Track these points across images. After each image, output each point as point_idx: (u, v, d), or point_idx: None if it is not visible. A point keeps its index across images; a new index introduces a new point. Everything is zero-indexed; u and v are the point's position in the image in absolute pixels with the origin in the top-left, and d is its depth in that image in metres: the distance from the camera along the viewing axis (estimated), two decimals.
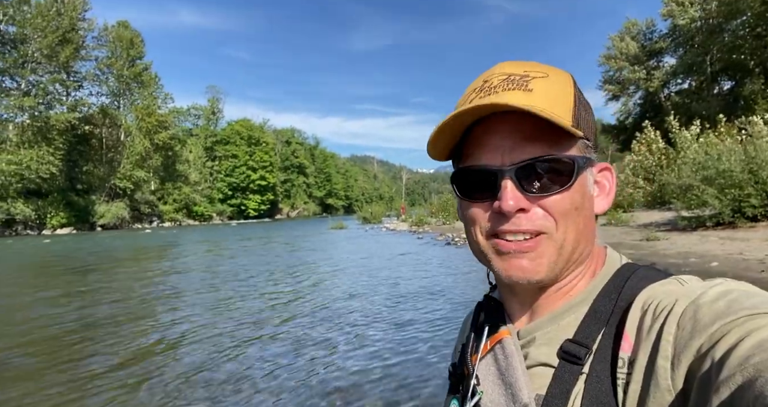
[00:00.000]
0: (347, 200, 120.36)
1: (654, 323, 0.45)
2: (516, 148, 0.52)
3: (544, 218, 0.52)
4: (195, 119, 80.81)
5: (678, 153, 15.76)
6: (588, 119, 0.56)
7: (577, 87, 0.56)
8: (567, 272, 0.56)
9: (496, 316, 0.62)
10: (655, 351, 0.43)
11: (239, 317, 6.19)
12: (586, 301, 0.55)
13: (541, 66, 0.56)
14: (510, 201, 0.51)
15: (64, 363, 4.44)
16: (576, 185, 0.53)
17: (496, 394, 0.56)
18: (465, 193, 0.57)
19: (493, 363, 0.59)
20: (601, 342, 0.50)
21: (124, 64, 56.66)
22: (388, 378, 3.77)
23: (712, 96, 33.26)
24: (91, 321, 6.13)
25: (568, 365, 0.51)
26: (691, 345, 0.41)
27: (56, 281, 10.14)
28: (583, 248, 0.56)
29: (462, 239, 16.46)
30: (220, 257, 14.83)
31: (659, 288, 0.49)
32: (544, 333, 0.56)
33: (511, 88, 0.52)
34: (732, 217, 10.09)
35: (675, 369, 0.41)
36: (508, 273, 0.54)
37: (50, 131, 43.35)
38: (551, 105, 0.51)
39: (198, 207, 65.62)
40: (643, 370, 0.44)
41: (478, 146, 0.54)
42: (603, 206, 0.59)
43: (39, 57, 43.87)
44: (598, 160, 0.59)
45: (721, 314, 0.40)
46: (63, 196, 44.41)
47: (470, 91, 0.56)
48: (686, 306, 0.44)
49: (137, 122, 56.23)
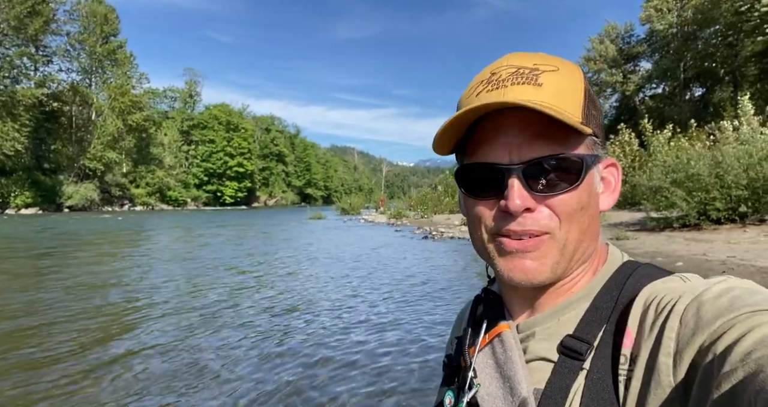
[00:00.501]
0: (326, 190, 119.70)
1: (656, 319, 0.45)
2: (524, 145, 0.51)
3: (549, 218, 0.52)
4: (171, 102, 78.69)
5: (650, 156, 16.27)
6: (596, 114, 0.54)
7: (587, 80, 0.55)
8: (570, 271, 0.55)
9: (496, 310, 0.62)
10: (657, 347, 0.43)
11: (204, 305, 6.12)
12: (587, 297, 0.55)
13: (551, 58, 0.54)
14: (517, 200, 0.50)
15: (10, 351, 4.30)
16: (584, 184, 0.52)
17: (493, 387, 0.55)
18: (470, 190, 0.56)
19: (491, 356, 0.58)
20: (602, 338, 0.50)
21: (97, 41, 54.45)
22: (367, 367, 3.81)
23: (684, 102, 34.42)
24: (43, 312, 5.92)
25: (569, 360, 0.50)
26: (693, 341, 0.41)
27: (6, 265, 9.77)
28: (586, 247, 0.55)
29: (439, 232, 16.62)
30: (191, 245, 14.56)
31: (661, 285, 0.49)
32: (545, 328, 0.55)
33: (520, 82, 0.51)
34: (697, 219, 10.51)
35: (677, 366, 0.41)
36: (510, 274, 0.53)
37: (16, 107, 41.43)
38: (561, 101, 0.50)
39: (172, 192, 64.10)
40: (645, 366, 0.44)
41: (485, 142, 0.53)
42: (608, 203, 0.58)
43: (5, 28, 41.73)
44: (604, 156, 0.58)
45: (724, 310, 0.40)
46: (28, 174, 42.66)
47: (476, 82, 0.55)
48: (689, 302, 0.44)
49: (110, 102, 54.28)
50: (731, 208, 10.18)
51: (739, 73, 29.14)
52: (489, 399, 0.55)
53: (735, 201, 10.03)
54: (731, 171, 10.01)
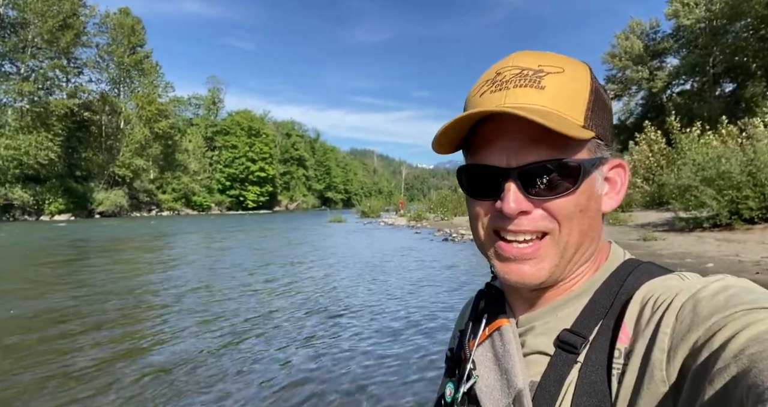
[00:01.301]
0: (346, 193, 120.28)
1: (653, 315, 0.46)
2: (522, 150, 0.51)
3: (547, 220, 0.52)
4: (195, 109, 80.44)
5: (678, 154, 15.78)
6: (604, 115, 0.54)
7: (595, 80, 0.54)
8: (570, 272, 0.56)
9: (497, 304, 0.63)
10: (652, 342, 0.44)
11: (236, 308, 6.22)
12: (586, 293, 0.55)
13: (557, 58, 0.54)
14: (512, 203, 0.51)
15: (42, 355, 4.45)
16: (582, 188, 0.52)
17: (491, 379, 0.57)
18: (470, 190, 0.57)
19: (490, 349, 0.59)
20: (599, 333, 0.51)
21: (125, 52, 56.28)
22: (382, 368, 3.80)
23: (714, 98, 33.24)
24: (72, 313, 6.01)
25: (564, 354, 0.52)
26: (688, 337, 0.41)
27: (44, 269, 10.14)
28: (587, 248, 0.55)
29: (460, 234, 16.50)
30: (217, 250, 14.84)
31: (660, 283, 0.50)
32: (543, 323, 0.56)
33: (523, 84, 0.51)
34: (729, 219, 10.13)
35: (670, 361, 0.42)
36: (506, 276, 0.54)
37: (49, 117, 43.13)
38: (563, 104, 0.51)
39: (197, 197, 65.49)
40: (639, 361, 0.45)
41: (485, 144, 0.54)
42: (611, 204, 0.58)
43: (39, 42, 43.55)
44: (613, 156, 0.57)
45: (720, 308, 0.41)
46: (61, 182, 44.27)
47: (482, 81, 0.56)
48: (685, 299, 0.44)
49: (137, 110, 55.94)
50: (765, 207, 9.78)
51: None
52: (486, 391, 0.56)
53: None
54: (765, 169, 9.62)
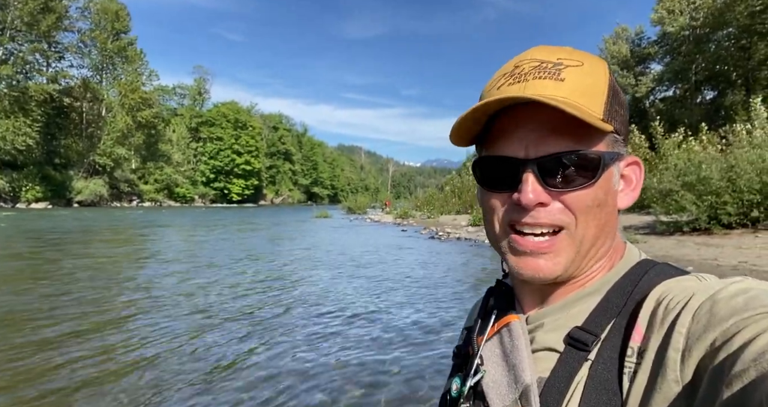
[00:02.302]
0: (333, 189, 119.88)
1: (667, 315, 0.45)
2: (542, 141, 0.51)
3: (564, 213, 0.52)
4: (180, 99, 79.20)
5: (660, 159, 16.12)
6: (621, 111, 0.54)
7: (612, 77, 0.54)
8: (584, 268, 0.55)
9: (506, 301, 0.62)
10: (667, 342, 0.43)
11: (213, 303, 6.15)
12: (599, 292, 0.54)
13: (576, 53, 0.54)
14: (530, 195, 0.50)
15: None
16: (600, 182, 0.52)
17: (498, 374, 0.56)
18: (486, 182, 0.56)
19: (498, 344, 0.59)
20: (611, 331, 0.50)
21: (108, 38, 54.91)
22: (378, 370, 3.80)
23: (695, 105, 34.02)
24: (48, 306, 5.98)
25: (574, 351, 0.51)
26: (704, 337, 0.40)
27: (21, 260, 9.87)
28: (602, 243, 0.55)
29: (446, 233, 16.59)
30: (199, 242, 14.64)
31: (676, 283, 0.49)
32: (554, 320, 0.55)
33: (543, 77, 0.51)
34: (708, 223, 10.39)
35: (685, 361, 0.41)
36: (520, 271, 0.54)
37: (28, 102, 41.91)
38: (582, 97, 0.50)
39: (180, 189, 64.48)
40: (652, 360, 0.44)
41: (503, 135, 0.53)
42: (627, 201, 0.58)
43: (19, 24, 42.21)
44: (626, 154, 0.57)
45: (739, 310, 0.40)
46: (39, 169, 43.10)
47: (499, 76, 0.55)
48: (703, 300, 0.43)
49: (120, 98, 54.72)
50: (743, 212, 10.05)
51: (752, 77, 28.79)
52: (493, 386, 0.55)
53: (747, 206, 9.91)
54: (744, 175, 9.89)
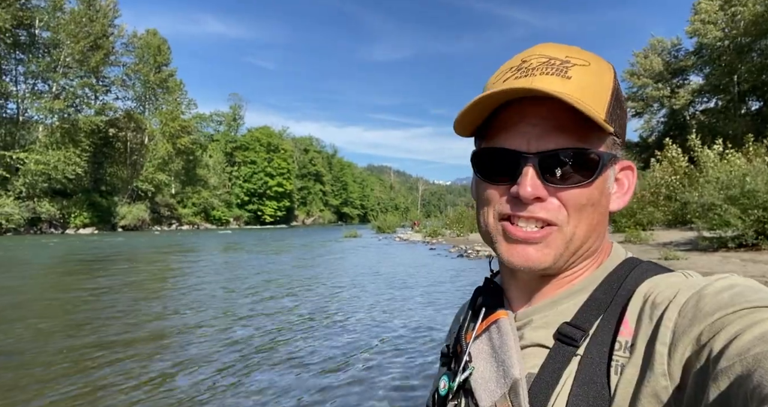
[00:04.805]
0: (362, 209, 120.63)
1: (655, 310, 0.46)
2: (544, 136, 0.51)
3: (558, 210, 0.52)
4: (216, 125, 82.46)
5: (700, 172, 15.38)
6: (621, 115, 0.55)
7: (617, 80, 0.55)
8: (573, 264, 0.56)
9: (495, 299, 0.62)
10: (654, 336, 0.44)
11: (251, 325, 6.19)
12: (586, 289, 0.55)
13: (583, 53, 0.54)
14: (529, 188, 0.50)
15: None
16: (597, 182, 0.52)
17: (487, 371, 0.56)
18: (484, 173, 0.56)
19: (487, 341, 0.59)
20: (599, 327, 0.50)
21: (151, 70, 58.32)
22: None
23: (740, 116, 32.47)
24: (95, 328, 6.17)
25: (563, 346, 0.51)
26: (690, 332, 0.41)
27: (73, 279, 10.32)
28: (592, 242, 0.55)
29: (475, 251, 16.25)
30: (237, 264, 14.94)
31: (663, 280, 0.50)
32: (542, 317, 0.56)
33: (549, 72, 0.51)
34: (755, 239, 9.74)
35: (672, 355, 0.42)
36: (511, 259, 0.54)
37: (77, 133, 44.75)
38: (587, 96, 0.50)
39: (216, 212, 66.52)
40: (641, 355, 0.45)
41: (505, 128, 0.53)
42: (619, 204, 0.58)
43: (70, 62, 45.51)
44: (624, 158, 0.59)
45: (724, 305, 0.40)
46: (87, 196, 45.59)
47: (506, 69, 0.55)
48: (689, 295, 0.44)
49: (161, 127, 57.59)
50: None
51: None
52: (482, 382, 0.55)
53: None
54: None
